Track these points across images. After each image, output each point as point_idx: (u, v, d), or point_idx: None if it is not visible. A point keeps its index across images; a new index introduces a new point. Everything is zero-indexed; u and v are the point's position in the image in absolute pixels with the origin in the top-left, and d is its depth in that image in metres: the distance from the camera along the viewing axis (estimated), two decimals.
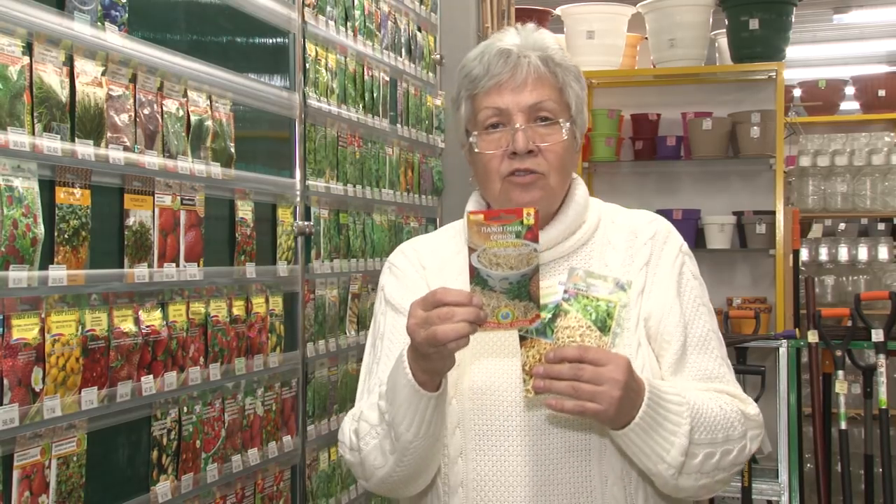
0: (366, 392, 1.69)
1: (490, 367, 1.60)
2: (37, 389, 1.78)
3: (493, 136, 1.62)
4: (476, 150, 1.63)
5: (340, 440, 1.67)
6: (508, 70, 1.60)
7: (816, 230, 6.32)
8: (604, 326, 1.44)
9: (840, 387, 3.97)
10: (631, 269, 1.65)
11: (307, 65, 2.85)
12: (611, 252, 1.67)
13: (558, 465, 1.56)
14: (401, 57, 3.60)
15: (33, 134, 1.78)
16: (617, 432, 1.48)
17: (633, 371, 1.44)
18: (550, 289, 1.47)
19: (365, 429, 1.60)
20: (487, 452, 1.58)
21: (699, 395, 1.56)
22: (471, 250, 1.39)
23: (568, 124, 1.62)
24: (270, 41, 2.74)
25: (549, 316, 1.44)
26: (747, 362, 4.26)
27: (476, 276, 1.39)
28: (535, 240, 1.39)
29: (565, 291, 1.46)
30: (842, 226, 6.32)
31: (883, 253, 5.95)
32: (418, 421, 1.50)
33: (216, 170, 2.36)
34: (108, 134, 1.98)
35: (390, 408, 1.52)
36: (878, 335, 3.95)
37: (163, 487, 2.14)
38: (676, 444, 1.48)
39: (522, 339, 1.44)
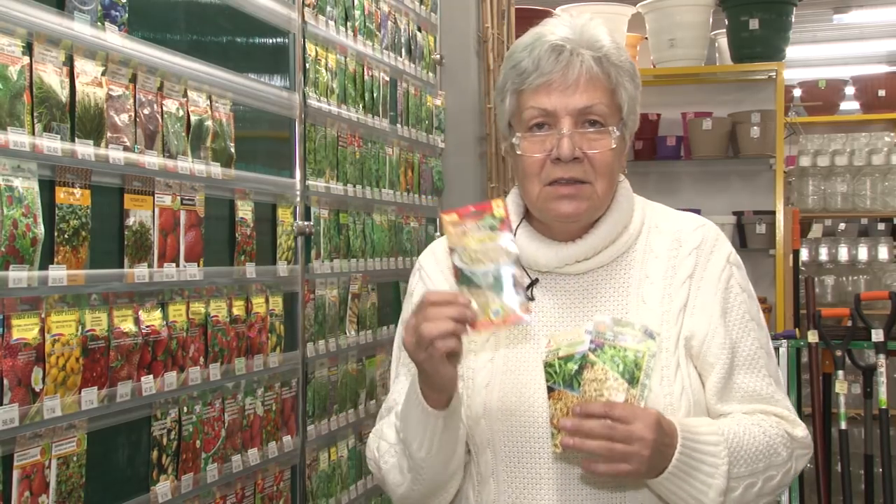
0: (385, 406, 1.68)
1: (519, 388, 1.55)
2: (37, 389, 1.78)
3: (537, 137, 1.53)
4: (518, 152, 1.55)
5: (367, 457, 1.67)
6: (559, 69, 1.50)
7: (816, 230, 6.32)
8: (632, 378, 1.38)
9: (840, 387, 3.97)
10: (673, 282, 1.57)
11: (307, 65, 2.85)
12: (653, 261, 1.59)
13: (592, 487, 1.52)
14: (401, 57, 3.60)
15: (33, 134, 1.78)
16: (650, 481, 1.44)
17: (663, 423, 1.39)
18: (577, 338, 1.43)
19: (384, 447, 1.59)
20: (518, 474, 1.55)
21: (741, 423, 1.51)
22: (451, 251, 1.38)
23: (618, 132, 1.53)
24: (270, 41, 2.74)
25: (577, 367, 1.41)
26: None
27: (461, 276, 1.38)
28: (510, 230, 1.38)
29: (591, 342, 1.41)
30: (842, 226, 6.32)
31: (883, 253, 5.95)
32: (428, 439, 1.49)
33: (216, 170, 2.36)
34: (108, 134, 1.98)
35: (404, 426, 1.52)
36: (878, 335, 3.95)
37: (163, 487, 2.14)
38: (714, 486, 1.43)
39: (550, 390, 1.41)
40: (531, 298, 1.59)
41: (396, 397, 1.63)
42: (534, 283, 1.61)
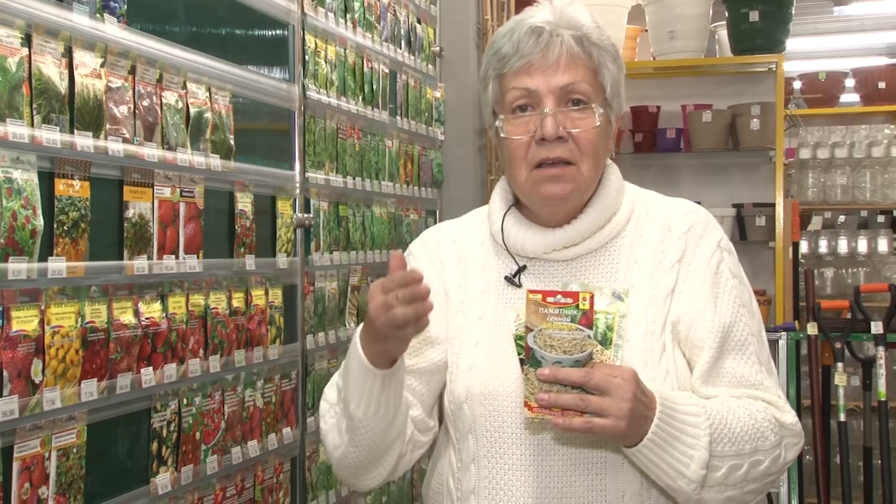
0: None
1: (501, 372, 1.53)
2: (36, 381, 1.78)
3: (520, 119, 1.52)
4: (502, 135, 1.54)
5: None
6: (539, 50, 1.49)
7: (816, 222, 6.31)
8: (605, 340, 1.39)
9: (839, 379, 3.97)
10: (661, 267, 1.55)
11: (306, 57, 2.85)
12: (641, 247, 1.58)
13: (572, 475, 1.50)
14: (400, 49, 3.60)
15: (32, 125, 1.78)
16: (630, 450, 1.41)
17: (642, 382, 1.37)
18: None
19: (325, 407, 1.58)
20: (499, 460, 1.53)
21: (726, 403, 1.48)
22: (528, 329, 1.37)
23: (601, 109, 1.52)
24: (270, 33, 2.73)
25: None
26: None
27: (531, 357, 1.37)
28: (590, 325, 1.36)
29: None
30: (841, 218, 6.32)
31: (882, 245, 5.94)
32: (366, 398, 1.47)
33: (215, 162, 2.36)
34: (108, 126, 1.98)
35: (344, 385, 1.50)
36: (877, 327, 3.95)
37: (163, 479, 2.14)
38: (696, 458, 1.40)
39: (522, 363, 1.40)
40: (518, 285, 1.59)
41: None
42: (521, 269, 1.60)
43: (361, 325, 1.47)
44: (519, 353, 1.41)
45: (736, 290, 1.56)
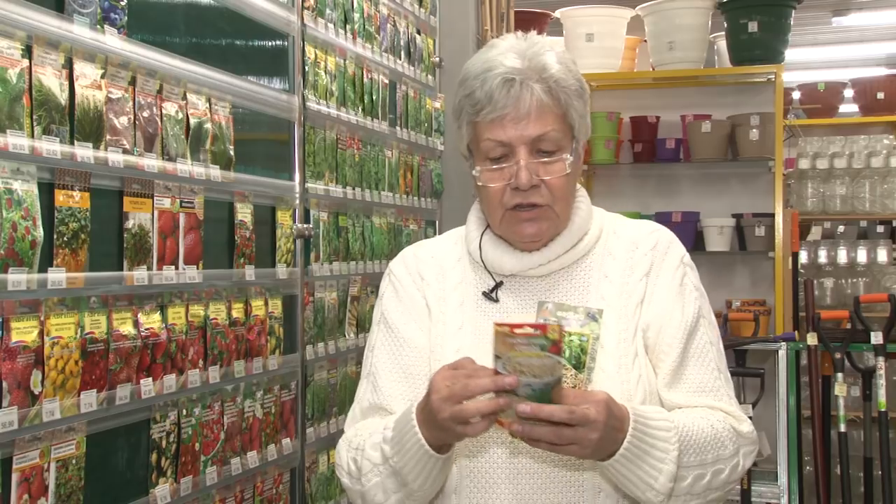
0: (358, 408, 1.71)
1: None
2: (36, 392, 1.78)
3: (496, 170, 1.61)
4: (479, 183, 1.63)
5: (338, 464, 1.67)
6: (512, 103, 1.57)
7: (815, 232, 6.32)
8: (578, 363, 1.40)
9: (839, 389, 3.98)
10: (630, 280, 1.65)
11: (306, 67, 2.86)
12: (610, 262, 1.68)
13: (551, 492, 1.57)
14: (400, 59, 3.61)
15: (33, 136, 1.78)
16: (602, 463, 1.47)
17: (613, 407, 1.41)
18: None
19: (367, 466, 1.59)
20: (480, 489, 1.59)
21: (689, 414, 1.57)
22: (496, 358, 1.37)
23: (571, 157, 1.61)
24: (270, 44, 2.74)
25: None
26: (746, 365, 4.26)
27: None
28: (559, 353, 1.36)
29: None
30: (841, 228, 6.32)
31: (882, 255, 5.94)
32: (426, 474, 1.52)
33: (215, 172, 2.36)
34: (108, 136, 1.98)
35: (398, 459, 1.53)
36: (877, 337, 3.96)
37: (162, 490, 2.14)
38: (665, 471, 1.47)
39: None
40: (496, 300, 1.67)
41: (372, 398, 1.68)
42: (499, 285, 1.68)
43: (416, 406, 1.50)
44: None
45: (698, 302, 1.67)
